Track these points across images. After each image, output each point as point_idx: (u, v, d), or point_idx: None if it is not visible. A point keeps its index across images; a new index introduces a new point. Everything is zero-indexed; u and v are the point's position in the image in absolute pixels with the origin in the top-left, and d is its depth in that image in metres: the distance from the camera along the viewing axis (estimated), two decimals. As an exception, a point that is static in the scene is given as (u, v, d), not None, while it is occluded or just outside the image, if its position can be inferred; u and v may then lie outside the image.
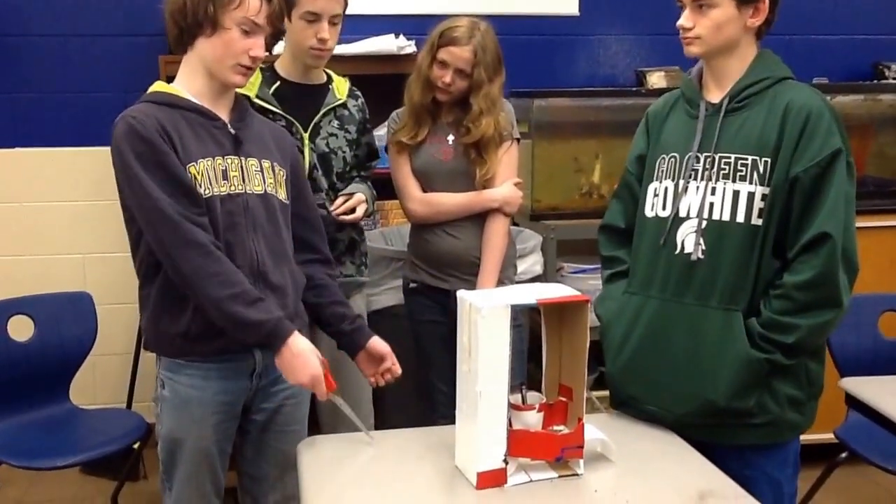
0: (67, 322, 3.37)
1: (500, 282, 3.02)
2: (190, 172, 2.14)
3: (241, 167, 2.24)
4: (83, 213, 3.83)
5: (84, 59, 3.86)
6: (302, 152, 2.78)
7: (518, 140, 3.07)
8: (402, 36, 3.75)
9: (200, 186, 2.15)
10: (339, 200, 2.89)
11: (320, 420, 3.06)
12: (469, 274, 3.01)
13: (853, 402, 2.74)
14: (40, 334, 3.32)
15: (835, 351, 3.16)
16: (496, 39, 2.97)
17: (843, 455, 3.20)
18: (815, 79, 3.97)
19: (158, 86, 2.28)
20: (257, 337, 2.13)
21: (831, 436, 3.19)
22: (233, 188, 2.21)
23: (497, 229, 3.02)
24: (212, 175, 2.18)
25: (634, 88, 4.13)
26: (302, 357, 2.15)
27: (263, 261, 2.25)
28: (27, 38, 3.83)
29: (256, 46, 2.18)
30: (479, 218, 3.03)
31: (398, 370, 2.44)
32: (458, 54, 2.91)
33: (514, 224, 3.80)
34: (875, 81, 4.27)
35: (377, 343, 2.43)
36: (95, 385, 3.93)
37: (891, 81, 4.21)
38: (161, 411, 2.33)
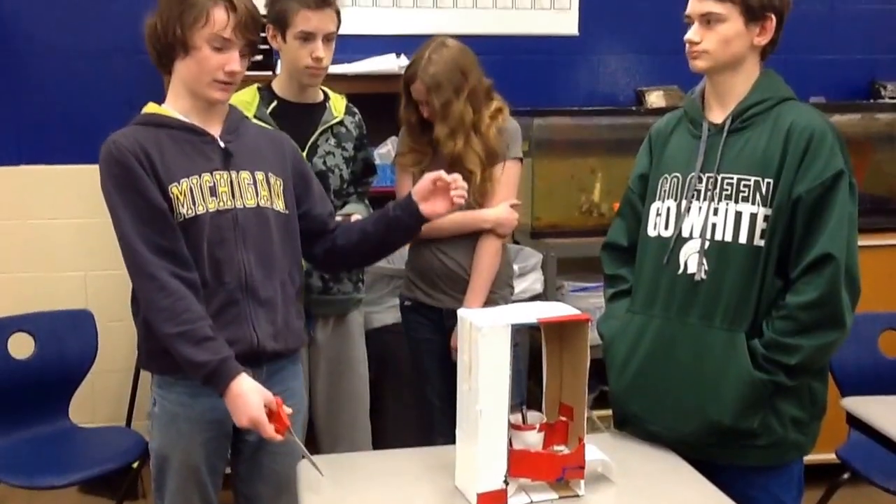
0: (68, 339, 3.36)
1: (494, 302, 3.00)
2: (172, 193, 2.16)
3: (231, 182, 2.25)
4: (85, 229, 3.83)
5: (87, 76, 3.87)
6: None
7: (521, 160, 3.06)
8: (402, 56, 3.75)
9: (182, 206, 2.17)
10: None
11: (317, 438, 3.06)
12: (461, 293, 3.00)
13: (855, 421, 2.73)
14: (41, 352, 3.32)
15: (835, 370, 3.15)
16: (456, 56, 2.93)
17: (846, 475, 3.19)
18: (813, 98, 3.98)
19: (148, 107, 2.30)
20: (200, 376, 2.13)
21: (833, 456, 3.17)
22: (222, 204, 2.22)
23: (487, 250, 3.00)
24: (197, 193, 2.19)
25: (634, 107, 4.14)
26: (242, 399, 2.10)
27: (253, 275, 2.25)
28: (31, 55, 3.83)
29: (231, 61, 2.19)
30: (474, 237, 3.01)
31: (458, 182, 2.41)
32: (418, 88, 2.93)
33: (515, 242, 3.81)
34: (872, 100, 4.27)
35: (420, 188, 2.43)
36: (95, 403, 3.91)
37: (887, 100, 4.22)
38: (152, 428, 2.34)
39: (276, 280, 2.31)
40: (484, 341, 1.91)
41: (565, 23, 4.14)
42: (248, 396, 2.11)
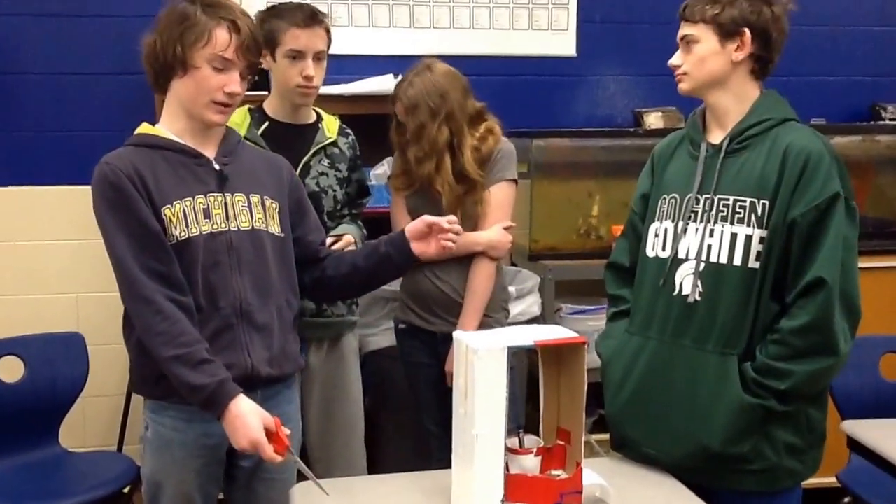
0: (59, 363, 3.33)
1: (489, 326, 2.98)
2: (165, 215, 2.14)
3: (226, 204, 2.22)
4: (77, 252, 3.79)
5: (79, 97, 3.85)
6: None
7: (515, 181, 3.05)
8: (399, 76, 3.72)
9: (175, 228, 2.14)
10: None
11: (311, 464, 3.00)
12: (454, 316, 2.99)
13: (855, 445, 2.72)
14: (31, 376, 3.28)
15: (836, 393, 3.12)
16: (437, 79, 2.94)
17: (846, 500, 3.17)
18: (813, 120, 3.96)
19: (142, 128, 2.27)
20: (198, 400, 2.10)
21: (834, 479, 3.15)
22: (216, 226, 2.20)
23: (480, 273, 2.99)
24: (190, 215, 2.17)
25: (632, 129, 4.12)
26: (241, 420, 2.08)
27: (248, 300, 2.23)
28: (22, 76, 3.81)
29: (231, 82, 2.17)
30: (468, 260, 2.99)
31: (454, 227, 2.38)
32: (398, 109, 2.95)
33: (513, 264, 3.80)
34: (872, 122, 4.27)
35: (414, 228, 2.38)
36: (86, 427, 3.87)
37: (888, 122, 4.21)
38: (145, 453, 2.31)
39: (272, 305, 2.28)
40: (480, 364, 1.89)
41: (563, 44, 4.14)
42: (248, 418, 2.08)
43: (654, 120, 4.07)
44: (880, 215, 4.09)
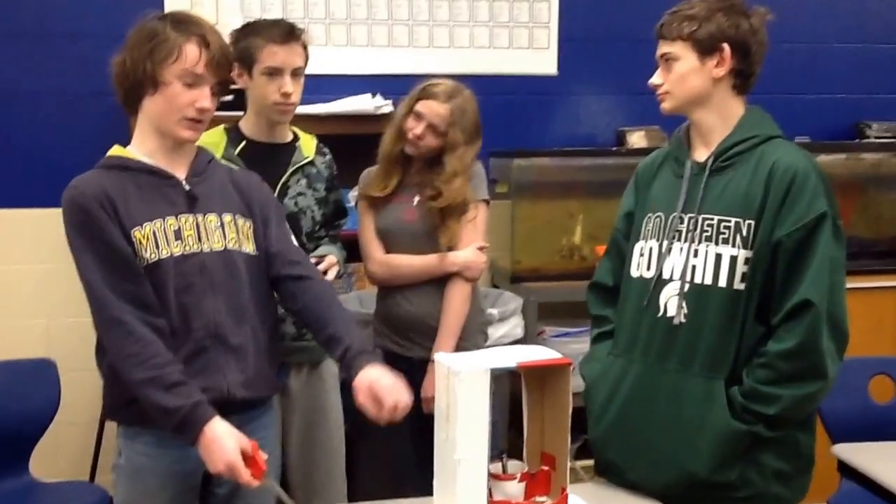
0: (28, 390, 3.25)
1: (467, 350, 2.87)
2: (135, 237, 2.11)
3: (197, 225, 2.19)
4: (49, 276, 3.74)
5: (52, 118, 3.81)
6: None
7: (487, 202, 3.02)
8: (378, 95, 3.73)
9: (146, 251, 2.12)
10: (311, 261, 2.82)
11: (292, 491, 2.94)
12: (431, 341, 2.93)
13: (846, 469, 2.69)
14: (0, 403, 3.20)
15: (825, 416, 3.09)
16: (477, 108, 2.96)
17: (838, 526, 3.11)
18: (797, 138, 3.95)
19: (113, 150, 2.25)
20: (172, 423, 2.05)
21: (824, 504, 3.10)
22: (187, 248, 2.17)
23: (456, 295, 2.94)
24: (160, 237, 2.14)
25: (615, 148, 4.12)
26: (217, 443, 2.03)
27: (222, 322, 2.19)
28: (-6, 97, 3.77)
29: (202, 98, 2.14)
30: (441, 282, 2.96)
31: (400, 405, 2.12)
32: (434, 108, 2.88)
33: (494, 286, 3.76)
34: (857, 140, 4.27)
35: (364, 388, 2.16)
36: (57, 456, 3.78)
37: (873, 140, 4.21)
38: (117, 481, 2.26)
39: (246, 326, 2.24)
40: (462, 387, 1.86)
41: (544, 62, 4.14)
42: (224, 441, 2.03)
43: (637, 139, 4.07)
44: (866, 235, 4.08)
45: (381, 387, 2.11)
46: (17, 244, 3.82)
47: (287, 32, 2.74)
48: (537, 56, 4.12)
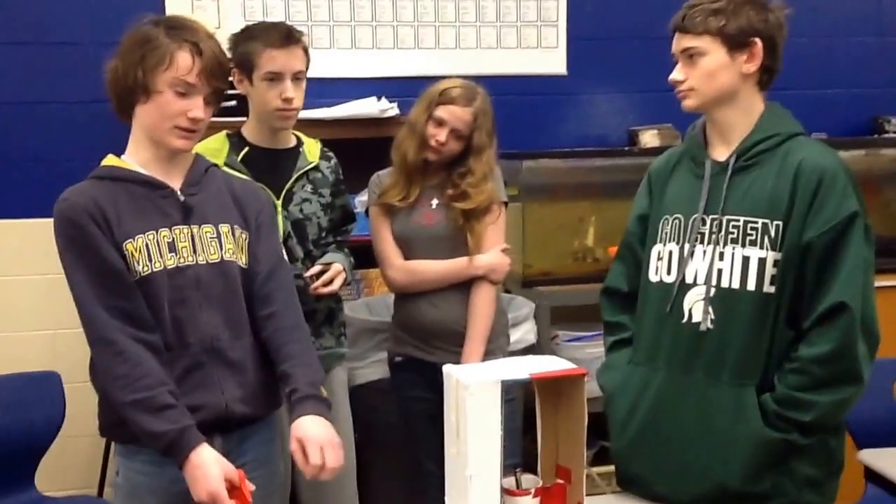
0: (33, 404, 3.21)
1: (492, 353, 2.91)
2: (126, 249, 2.08)
3: (192, 236, 2.15)
4: (53, 286, 3.62)
5: (53, 126, 3.78)
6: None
7: (506, 204, 3.00)
8: (384, 99, 3.68)
9: (138, 264, 2.08)
10: (316, 269, 2.77)
11: (301, 501, 2.93)
12: (457, 346, 2.90)
13: (872, 475, 2.67)
14: (4, 417, 3.14)
15: (849, 421, 2.98)
16: (492, 106, 2.93)
17: (864, 533, 3.04)
18: (814, 134, 3.89)
19: (107, 160, 2.21)
20: (158, 446, 2.03)
21: (849, 511, 3.02)
22: (182, 260, 2.13)
23: (483, 298, 2.91)
24: (154, 249, 2.10)
25: (627, 148, 4.07)
26: (200, 470, 2.00)
27: (219, 336, 2.15)
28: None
29: (194, 107, 2.09)
30: (465, 286, 2.93)
31: (327, 466, 2.07)
32: (457, 114, 2.85)
33: (507, 291, 3.73)
34: (875, 136, 4.22)
35: (301, 427, 2.10)
36: (65, 470, 3.75)
37: (891, 135, 4.16)
38: (115, 499, 2.24)
39: (244, 339, 2.20)
40: (472, 400, 1.82)
41: (553, 62, 4.09)
42: (208, 468, 2.00)
43: (649, 138, 4.02)
44: (885, 233, 3.99)
45: (310, 444, 2.07)
46: (22, 255, 3.78)
47: (286, 36, 2.69)
48: (546, 56, 4.08)
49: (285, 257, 2.44)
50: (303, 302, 2.41)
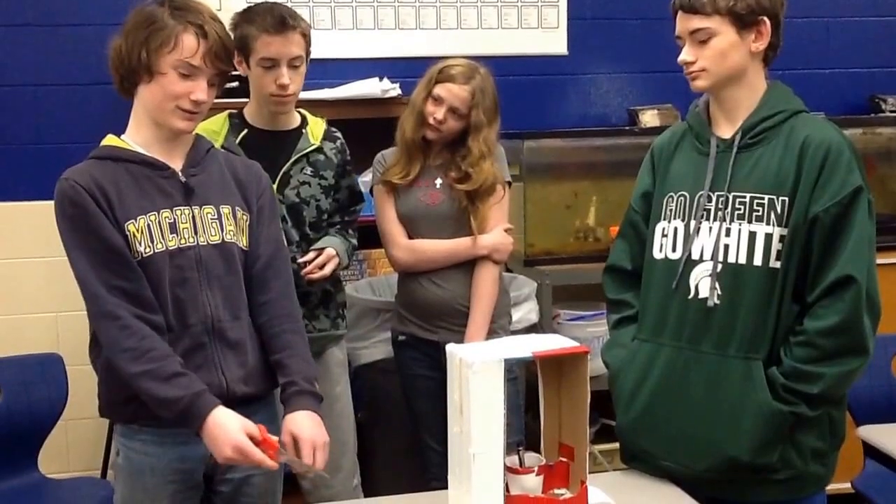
0: (36, 385, 3.21)
1: (494, 332, 2.91)
2: (128, 230, 2.07)
3: (193, 217, 2.15)
4: (56, 268, 3.62)
5: (55, 109, 3.77)
6: None
7: (509, 184, 3.00)
8: (386, 79, 3.69)
9: (140, 244, 2.07)
10: (310, 256, 2.77)
11: (303, 487, 2.93)
12: (460, 325, 2.91)
13: (870, 450, 2.67)
14: (7, 399, 3.16)
15: (848, 397, 3.03)
16: (494, 86, 2.93)
17: (863, 507, 3.07)
18: (812, 113, 3.90)
19: (107, 139, 2.20)
20: (173, 414, 2.03)
21: (849, 486, 3.05)
22: (183, 241, 2.12)
23: (486, 277, 2.92)
24: (155, 230, 2.10)
25: (627, 127, 4.07)
26: (221, 428, 2.01)
27: (220, 316, 2.15)
28: (-7, 88, 3.74)
29: (198, 90, 2.08)
30: (468, 265, 2.93)
31: (316, 464, 2.11)
32: (454, 92, 2.84)
33: (508, 270, 3.73)
34: (872, 115, 4.21)
35: (294, 421, 2.14)
36: (68, 452, 3.77)
37: (889, 114, 4.15)
38: (116, 480, 2.24)
39: (244, 320, 2.21)
40: (475, 379, 1.82)
41: (554, 42, 4.09)
42: (228, 424, 2.01)
43: (649, 118, 4.02)
44: (883, 210, 3.99)
45: (305, 444, 2.10)
46: (25, 237, 3.78)
47: (280, 22, 2.65)
48: (547, 36, 4.07)
49: (285, 242, 2.44)
50: (297, 285, 2.39)
